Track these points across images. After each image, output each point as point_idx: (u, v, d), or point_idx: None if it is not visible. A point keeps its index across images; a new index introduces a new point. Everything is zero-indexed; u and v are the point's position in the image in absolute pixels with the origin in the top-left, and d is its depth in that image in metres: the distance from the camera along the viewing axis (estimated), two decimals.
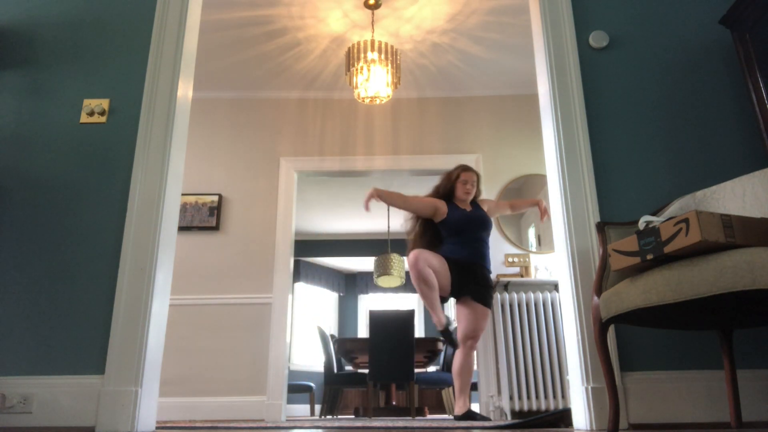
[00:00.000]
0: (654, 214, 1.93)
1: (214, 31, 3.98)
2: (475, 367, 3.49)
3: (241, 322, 4.07)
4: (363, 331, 8.88)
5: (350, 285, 9.16)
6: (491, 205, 3.67)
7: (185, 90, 2.34)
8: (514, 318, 3.88)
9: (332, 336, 5.86)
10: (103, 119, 2.22)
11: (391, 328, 4.67)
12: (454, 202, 3.54)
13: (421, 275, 3.16)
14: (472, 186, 3.52)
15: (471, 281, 3.31)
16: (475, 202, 3.58)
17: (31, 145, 2.19)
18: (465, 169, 3.56)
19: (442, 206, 3.50)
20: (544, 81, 2.35)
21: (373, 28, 3.83)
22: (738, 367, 1.85)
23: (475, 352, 3.46)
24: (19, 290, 2.00)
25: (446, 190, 3.56)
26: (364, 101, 3.66)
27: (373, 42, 3.52)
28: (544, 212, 3.57)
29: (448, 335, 3.22)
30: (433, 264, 3.21)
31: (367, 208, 3.36)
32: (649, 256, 1.52)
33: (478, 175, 3.58)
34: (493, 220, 3.62)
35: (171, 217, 2.16)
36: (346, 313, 8.99)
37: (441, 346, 5.20)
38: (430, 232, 3.54)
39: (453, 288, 3.30)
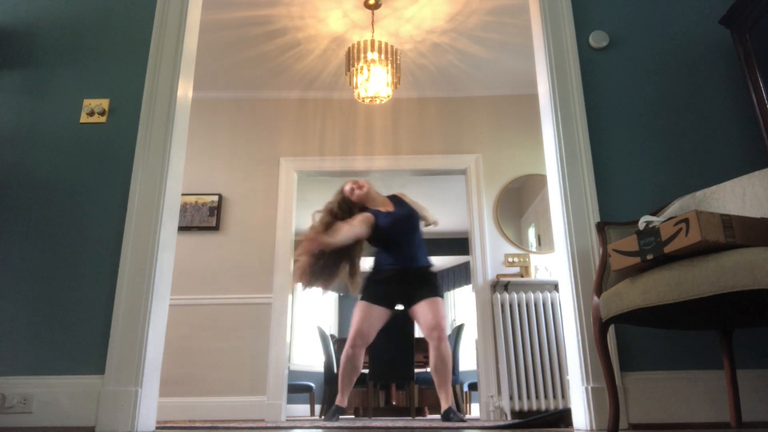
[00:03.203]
0: (654, 214, 1.92)
1: (214, 31, 3.98)
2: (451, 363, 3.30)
3: (241, 322, 4.07)
4: None
5: None
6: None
7: (185, 90, 2.34)
8: (514, 318, 3.88)
9: (332, 336, 5.86)
10: (103, 119, 2.22)
11: (391, 328, 4.66)
12: (369, 208, 3.42)
13: (349, 360, 3.19)
14: (359, 188, 3.39)
15: (407, 290, 3.26)
16: (395, 197, 3.48)
17: (31, 145, 2.19)
18: (342, 188, 3.46)
19: (370, 216, 3.33)
20: (544, 81, 2.35)
21: (373, 28, 3.83)
22: (738, 367, 1.85)
23: (446, 344, 3.19)
24: (19, 290, 2.00)
25: (344, 208, 3.39)
26: (364, 101, 3.66)
27: (373, 42, 3.52)
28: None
29: (335, 414, 3.21)
30: (371, 335, 3.22)
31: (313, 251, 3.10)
32: (649, 256, 1.52)
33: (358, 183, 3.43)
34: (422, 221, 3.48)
35: (171, 217, 2.16)
36: (346, 313, 8.99)
37: None
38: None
39: (398, 300, 3.27)
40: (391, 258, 3.34)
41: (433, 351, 3.14)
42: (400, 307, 3.40)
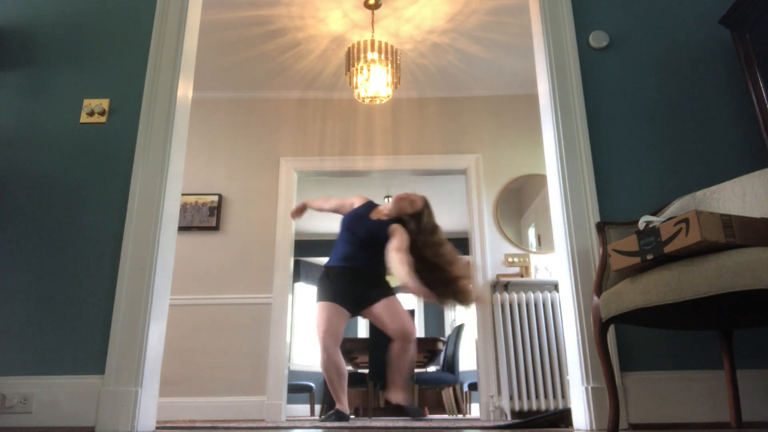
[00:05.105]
0: (654, 214, 1.92)
1: (214, 31, 3.98)
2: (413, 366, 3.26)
3: (241, 322, 4.07)
4: (363, 331, 8.88)
5: None
6: (395, 232, 3.25)
7: (185, 90, 2.34)
8: (514, 318, 3.88)
9: None
10: (103, 119, 2.22)
11: None
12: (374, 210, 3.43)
13: (331, 363, 3.08)
14: (390, 206, 3.34)
15: (358, 291, 3.22)
16: (395, 220, 3.31)
17: (31, 145, 2.19)
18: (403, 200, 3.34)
19: (356, 201, 3.47)
20: (544, 81, 2.35)
21: (373, 28, 3.83)
22: (738, 367, 1.85)
23: (414, 346, 3.26)
24: (19, 290, 2.00)
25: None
26: (364, 101, 3.66)
27: (373, 42, 3.52)
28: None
29: (335, 417, 3.08)
30: (340, 334, 3.13)
31: (294, 217, 3.52)
32: (649, 256, 1.52)
33: (416, 210, 3.32)
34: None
35: (171, 217, 2.16)
36: None
37: (441, 346, 5.21)
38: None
39: (348, 304, 3.19)
40: (341, 253, 3.31)
41: (402, 353, 3.20)
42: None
